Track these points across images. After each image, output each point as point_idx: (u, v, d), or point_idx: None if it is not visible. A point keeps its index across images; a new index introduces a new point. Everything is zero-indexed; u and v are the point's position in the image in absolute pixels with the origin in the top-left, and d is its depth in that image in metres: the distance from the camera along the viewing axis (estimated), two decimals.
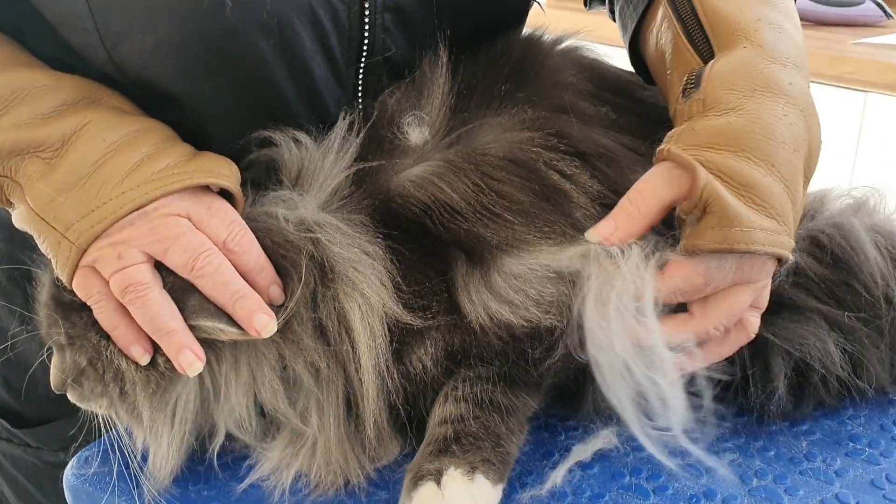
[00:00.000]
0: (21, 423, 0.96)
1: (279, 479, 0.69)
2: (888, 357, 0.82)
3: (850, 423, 0.80)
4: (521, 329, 0.70)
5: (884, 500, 0.70)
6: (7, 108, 0.69)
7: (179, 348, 0.65)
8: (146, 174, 0.67)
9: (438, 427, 0.70)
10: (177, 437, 0.68)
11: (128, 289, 0.65)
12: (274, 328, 0.66)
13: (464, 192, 0.72)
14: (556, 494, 0.70)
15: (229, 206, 0.70)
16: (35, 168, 0.68)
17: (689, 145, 0.69)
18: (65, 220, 0.67)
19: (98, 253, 0.66)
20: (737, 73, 0.73)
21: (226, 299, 0.66)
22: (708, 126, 0.70)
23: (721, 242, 0.65)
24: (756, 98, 0.71)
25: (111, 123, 0.70)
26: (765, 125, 0.69)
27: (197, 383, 0.68)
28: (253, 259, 0.68)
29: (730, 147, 0.68)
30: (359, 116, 0.77)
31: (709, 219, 0.66)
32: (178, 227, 0.66)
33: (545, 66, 0.84)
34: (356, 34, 0.79)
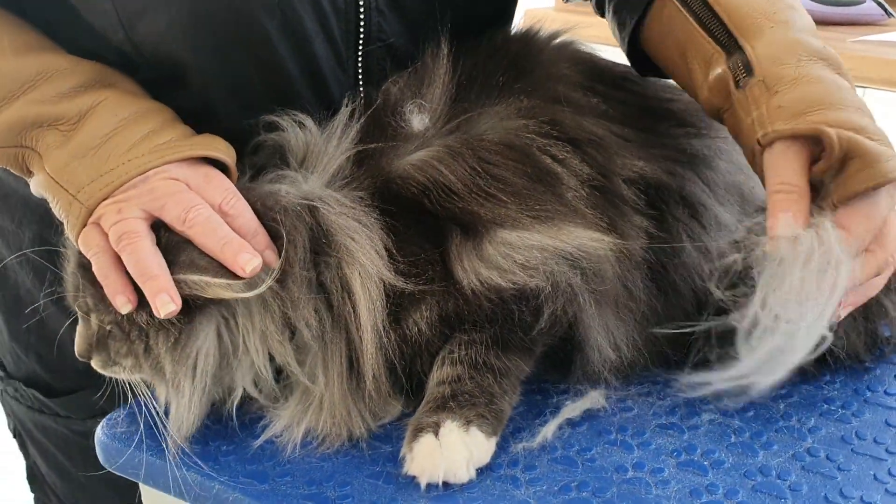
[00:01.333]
0: (51, 393, 1.02)
1: (291, 436, 0.75)
2: (863, 327, 0.87)
3: (826, 388, 0.85)
4: (510, 291, 0.76)
5: (852, 453, 0.75)
6: (32, 87, 0.77)
7: (158, 291, 0.70)
8: (150, 146, 0.75)
9: (437, 387, 0.76)
10: (198, 388, 0.74)
11: (122, 237, 0.71)
12: (258, 265, 0.70)
13: (461, 175, 0.78)
14: (546, 448, 0.76)
15: (224, 177, 0.77)
16: (54, 138, 0.76)
17: (789, 118, 0.74)
18: (76, 182, 0.75)
19: (102, 210, 0.74)
20: (781, 50, 0.79)
21: (214, 245, 0.71)
22: (790, 99, 0.75)
23: (874, 179, 0.71)
24: (806, 65, 0.77)
25: (123, 103, 0.78)
26: (829, 82, 0.76)
27: (215, 338, 0.74)
28: (246, 222, 0.74)
29: (823, 106, 0.74)
30: (360, 104, 0.83)
31: (854, 164, 0.72)
32: (174, 187, 0.74)
33: (541, 60, 0.90)
34: (353, 16, 0.85)
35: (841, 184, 0.72)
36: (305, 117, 0.82)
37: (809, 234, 0.72)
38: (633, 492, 0.71)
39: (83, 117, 0.76)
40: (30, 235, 0.96)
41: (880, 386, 0.85)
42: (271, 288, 0.72)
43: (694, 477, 0.73)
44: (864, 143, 0.71)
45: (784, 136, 0.74)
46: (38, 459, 1.09)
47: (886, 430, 0.79)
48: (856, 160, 0.71)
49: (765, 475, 0.73)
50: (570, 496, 0.71)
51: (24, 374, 1.04)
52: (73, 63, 0.79)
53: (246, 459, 0.75)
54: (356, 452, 0.75)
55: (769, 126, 0.75)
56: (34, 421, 1.05)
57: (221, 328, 0.74)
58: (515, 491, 0.71)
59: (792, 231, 0.72)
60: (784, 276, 0.71)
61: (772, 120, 0.75)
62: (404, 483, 0.71)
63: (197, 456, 0.75)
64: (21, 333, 1.01)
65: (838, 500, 0.70)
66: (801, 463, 0.74)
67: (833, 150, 0.71)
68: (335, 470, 0.73)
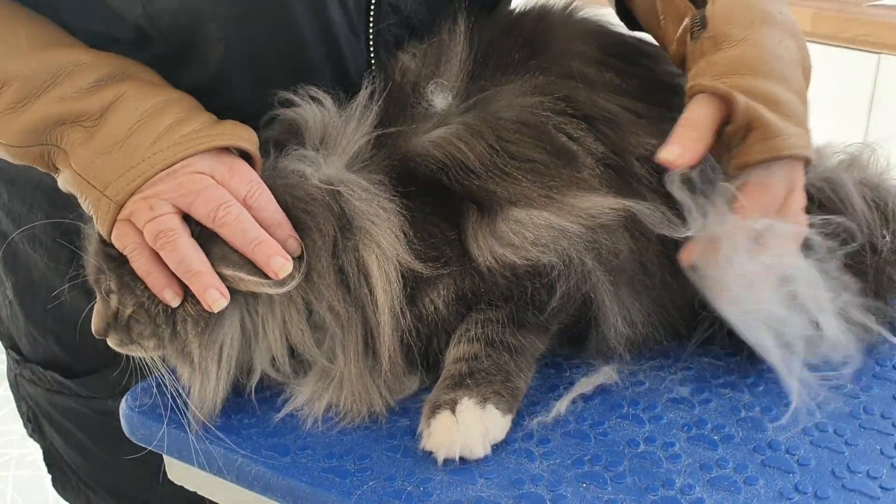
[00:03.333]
0: (72, 374, 1.04)
1: (311, 410, 0.77)
2: (872, 300, 0.88)
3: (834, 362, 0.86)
4: (523, 267, 0.77)
5: (860, 428, 0.77)
6: (53, 84, 0.77)
7: (206, 287, 0.72)
8: (174, 137, 0.75)
9: (454, 364, 0.77)
10: (223, 372, 0.76)
11: (159, 235, 0.73)
12: (289, 269, 0.73)
13: (479, 153, 0.79)
14: (560, 422, 0.78)
15: (248, 167, 0.77)
16: (78, 135, 0.77)
17: (716, 76, 0.78)
18: (104, 179, 0.75)
19: (133, 206, 0.74)
20: (735, 10, 0.81)
21: (245, 245, 0.73)
22: (725, 58, 0.79)
23: (769, 152, 0.75)
24: (755, 28, 0.80)
25: (143, 95, 0.78)
26: (770, 49, 0.79)
27: (240, 325, 0.76)
28: (270, 214, 0.75)
29: (750, 72, 0.77)
30: (380, 84, 0.84)
31: (754, 134, 0.76)
32: (202, 182, 0.74)
33: (556, 36, 0.90)
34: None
35: (741, 151, 0.76)
36: (324, 95, 0.83)
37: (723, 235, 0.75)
38: (644, 466, 0.73)
39: (105, 112, 0.76)
40: (41, 218, 0.97)
41: (889, 361, 0.86)
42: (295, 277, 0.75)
43: (704, 451, 0.74)
44: (766, 116, 0.75)
45: (705, 90, 0.77)
46: (57, 441, 1.10)
47: (894, 405, 0.80)
48: (756, 131, 0.75)
49: (774, 450, 0.74)
50: (583, 470, 0.72)
51: (42, 357, 1.05)
52: (92, 56, 0.79)
53: (267, 433, 0.77)
54: (374, 426, 0.77)
55: (698, 79, 0.78)
56: (52, 403, 1.07)
57: (245, 316, 0.76)
58: (530, 464, 0.73)
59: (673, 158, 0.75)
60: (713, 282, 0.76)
61: (703, 74, 0.79)
62: (422, 457, 0.73)
63: (219, 429, 0.77)
64: (38, 316, 1.03)
65: (845, 475, 0.72)
66: (809, 438, 0.76)
67: (737, 116, 0.75)
68: (354, 443, 0.75)
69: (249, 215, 0.74)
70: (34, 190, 0.97)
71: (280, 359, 0.78)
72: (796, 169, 0.79)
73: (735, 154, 0.77)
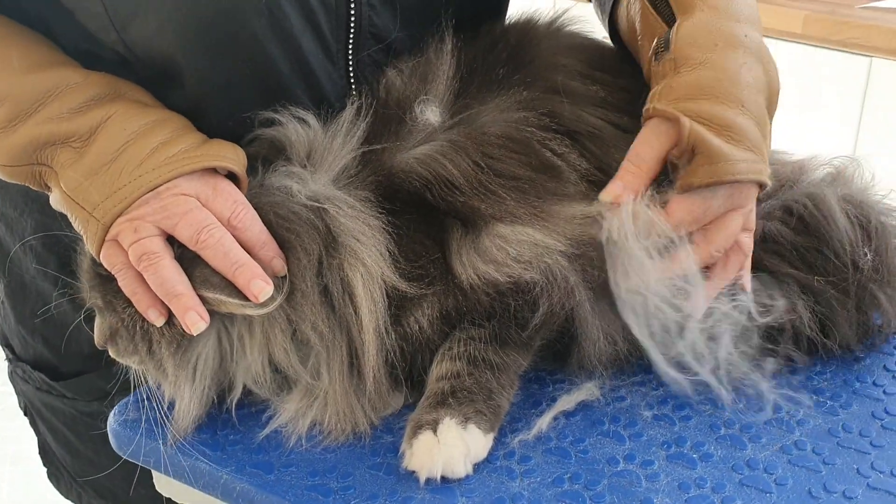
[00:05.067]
0: (58, 376, 1.05)
1: (296, 427, 0.78)
2: (854, 317, 0.89)
3: (816, 378, 0.87)
4: (505, 284, 0.78)
5: (838, 446, 0.78)
6: (43, 104, 0.78)
7: (185, 310, 0.74)
8: (160, 159, 0.76)
9: (437, 383, 0.78)
10: (197, 391, 0.77)
11: (142, 257, 0.74)
12: (270, 292, 0.74)
13: (464, 170, 0.80)
14: (541, 439, 0.79)
15: (234, 187, 0.78)
16: (67, 156, 0.78)
17: (671, 100, 0.79)
18: (91, 200, 0.76)
19: (119, 228, 0.75)
20: (699, 32, 0.82)
21: (227, 268, 0.74)
22: (682, 81, 0.80)
23: (711, 177, 0.76)
24: (718, 51, 0.81)
25: (131, 115, 0.79)
26: (730, 73, 0.80)
27: (215, 343, 0.77)
28: (255, 235, 0.76)
29: (705, 96, 0.79)
30: (366, 101, 0.84)
31: (698, 159, 0.77)
32: (186, 204, 0.75)
33: (540, 50, 0.91)
34: (343, 11, 0.86)
35: (686, 173, 0.78)
36: (307, 114, 0.83)
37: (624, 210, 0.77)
38: (623, 485, 0.74)
39: (94, 133, 0.77)
40: (32, 224, 0.98)
41: (869, 377, 0.87)
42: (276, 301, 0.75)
43: (683, 470, 0.75)
44: (711, 140, 0.76)
45: (658, 114, 0.79)
46: (48, 437, 1.12)
47: (872, 423, 0.81)
48: (700, 156, 0.77)
49: (752, 469, 0.75)
50: (563, 489, 0.73)
51: (32, 357, 1.06)
52: (83, 77, 0.80)
53: (252, 449, 0.78)
54: (358, 443, 0.78)
55: (653, 102, 0.80)
56: (42, 401, 1.08)
57: (222, 334, 0.77)
58: (510, 483, 0.74)
59: (610, 198, 0.78)
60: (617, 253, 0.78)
61: (659, 97, 0.80)
62: (404, 475, 0.74)
63: (205, 444, 0.78)
64: (27, 318, 1.04)
65: (821, 495, 0.73)
66: (787, 456, 0.77)
67: (682, 139, 0.77)
68: (338, 461, 0.76)
69: (232, 238, 0.75)
70: (24, 196, 0.99)
71: (262, 376, 0.79)
72: (742, 192, 0.79)
73: (681, 175, 0.78)
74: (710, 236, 0.79)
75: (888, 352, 0.91)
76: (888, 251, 0.90)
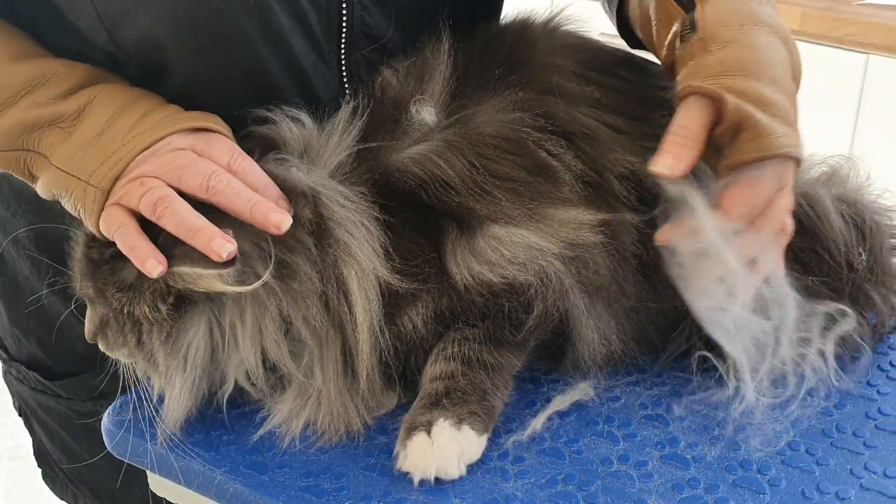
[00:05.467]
0: (52, 376, 1.05)
1: (290, 427, 0.78)
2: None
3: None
4: (500, 286, 0.78)
5: (831, 447, 0.78)
6: (29, 91, 0.79)
7: (210, 238, 0.71)
8: (150, 122, 0.78)
9: (431, 383, 0.78)
10: (188, 381, 0.76)
11: (157, 203, 0.73)
12: (290, 222, 0.73)
13: (459, 170, 0.80)
14: (535, 439, 0.79)
15: (225, 138, 0.79)
16: (56, 136, 0.79)
17: (707, 77, 0.77)
18: (87, 168, 0.77)
19: (121, 191, 0.75)
20: (725, 12, 0.81)
21: (242, 208, 0.73)
22: (715, 59, 0.79)
23: (760, 151, 0.75)
24: (746, 30, 0.80)
25: (116, 92, 0.80)
26: (760, 51, 0.79)
27: (206, 333, 0.76)
28: (256, 178, 0.76)
29: (741, 72, 0.77)
30: (362, 101, 0.84)
31: (744, 135, 0.75)
32: (185, 157, 0.76)
33: (536, 50, 0.90)
34: (335, 11, 0.86)
35: (732, 151, 0.76)
36: (301, 112, 0.83)
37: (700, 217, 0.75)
38: (616, 485, 0.74)
39: (81, 112, 0.79)
40: (24, 224, 0.98)
41: (864, 377, 0.87)
42: (267, 283, 0.74)
43: (676, 471, 0.75)
44: (756, 115, 0.75)
45: (695, 91, 0.77)
46: (43, 437, 1.12)
47: (866, 423, 0.81)
48: (747, 131, 0.75)
49: (745, 469, 0.76)
50: (557, 489, 0.73)
51: (26, 357, 1.06)
52: (67, 66, 0.81)
53: (246, 450, 0.78)
54: (352, 444, 0.78)
55: (688, 80, 0.78)
56: (37, 401, 1.08)
57: (213, 324, 0.76)
58: (504, 484, 0.74)
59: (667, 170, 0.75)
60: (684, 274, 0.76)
61: (693, 75, 0.78)
62: (398, 476, 0.74)
63: (198, 445, 0.78)
64: (21, 318, 1.04)
65: (815, 496, 0.73)
66: (781, 457, 0.77)
67: (727, 115, 0.75)
68: (332, 462, 0.76)
69: (238, 181, 0.75)
70: (17, 197, 0.99)
71: (254, 371, 0.78)
72: (787, 168, 0.78)
73: (726, 154, 0.77)
74: (759, 223, 0.77)
75: (882, 351, 0.92)
76: (882, 251, 0.91)
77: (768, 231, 0.78)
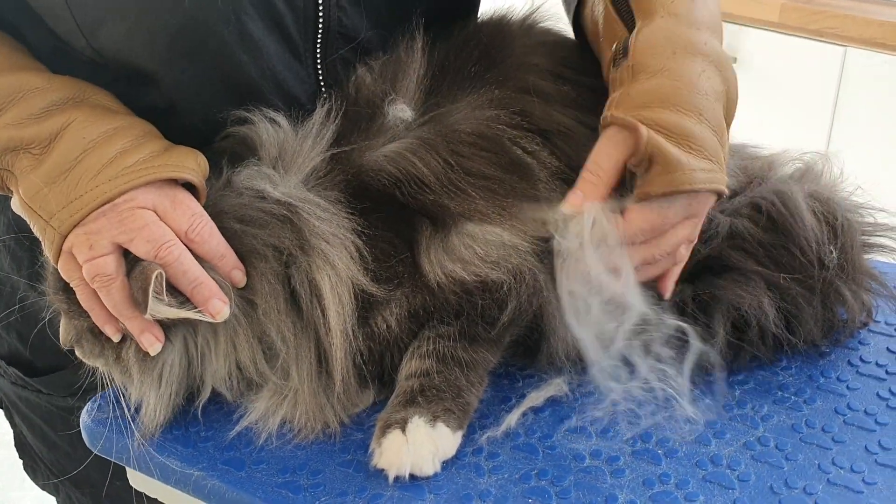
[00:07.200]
0: (33, 372, 1.06)
1: (266, 425, 0.79)
2: (820, 314, 0.90)
3: (781, 374, 0.89)
4: (473, 283, 0.79)
5: (800, 442, 0.80)
6: (4, 110, 0.78)
7: (140, 331, 0.75)
8: (117, 169, 0.76)
9: (406, 381, 0.79)
10: (163, 397, 0.78)
11: (95, 278, 0.75)
12: (227, 312, 0.75)
13: (434, 167, 0.81)
14: (509, 435, 0.80)
15: (192, 199, 0.78)
16: (27, 162, 0.77)
17: (629, 108, 0.78)
18: (49, 209, 0.76)
19: (75, 240, 0.75)
20: (658, 40, 0.82)
21: (185, 285, 0.75)
22: (640, 89, 0.79)
23: (668, 186, 0.76)
24: (677, 59, 0.81)
25: (92, 122, 0.78)
26: (688, 81, 0.80)
27: (182, 349, 0.78)
28: (213, 248, 0.76)
29: (662, 104, 0.78)
30: (336, 102, 0.85)
31: (655, 168, 0.77)
32: (142, 219, 0.75)
33: (512, 48, 0.91)
34: (311, 13, 0.86)
35: (644, 182, 0.77)
36: (278, 115, 0.83)
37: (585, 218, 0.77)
38: (588, 480, 0.75)
39: (53, 140, 0.77)
40: (4, 221, 0.98)
41: (833, 372, 0.89)
42: (239, 307, 0.77)
43: (648, 466, 0.77)
44: (668, 150, 0.76)
45: (616, 122, 0.78)
46: (24, 429, 1.12)
47: (834, 419, 0.83)
48: (658, 164, 0.76)
49: (715, 465, 0.77)
50: (530, 485, 0.75)
51: (7, 353, 1.06)
52: (46, 80, 0.80)
53: (223, 447, 0.79)
54: (328, 441, 0.79)
55: (612, 109, 0.79)
56: (18, 395, 1.09)
57: (188, 341, 0.78)
58: (478, 479, 0.75)
59: (570, 207, 0.78)
60: (567, 257, 0.78)
61: (617, 104, 0.79)
62: (374, 472, 0.75)
63: (176, 441, 0.79)
64: (1, 315, 1.04)
65: (783, 491, 0.74)
66: (751, 452, 0.78)
67: (640, 148, 0.76)
68: (308, 458, 0.77)
69: (189, 255, 0.75)
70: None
71: (230, 379, 0.80)
72: (699, 201, 0.79)
73: (638, 184, 0.78)
74: (658, 241, 0.80)
75: (853, 346, 0.93)
76: (853, 248, 0.92)
77: (662, 248, 0.80)
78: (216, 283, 0.76)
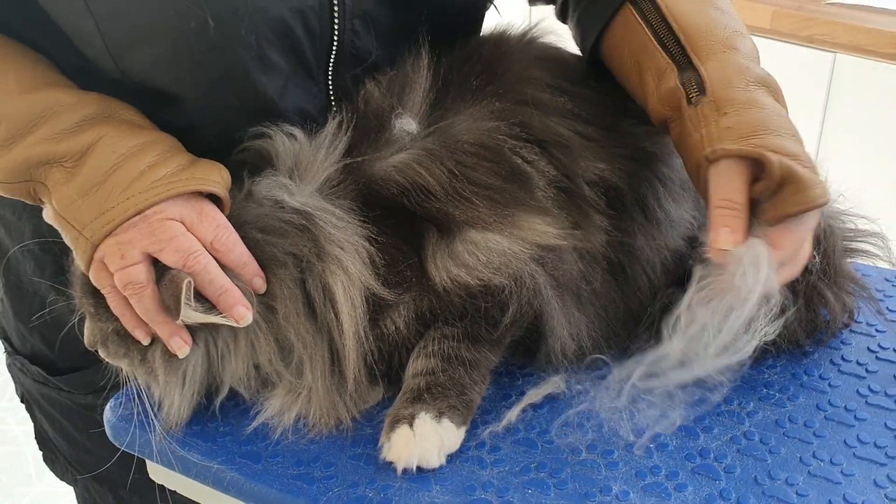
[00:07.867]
0: (55, 371, 1.10)
1: (281, 420, 0.84)
2: (804, 315, 0.95)
3: (766, 372, 0.93)
4: (476, 287, 0.84)
5: (783, 437, 0.84)
6: (37, 125, 0.82)
7: (170, 335, 0.81)
8: (147, 182, 0.80)
9: (413, 379, 0.84)
10: (187, 396, 0.84)
11: (127, 286, 0.79)
12: (250, 318, 0.80)
13: (439, 177, 0.85)
14: (510, 430, 0.85)
15: (217, 211, 0.82)
16: (59, 175, 0.82)
17: (737, 139, 0.81)
18: (81, 219, 0.80)
19: (106, 249, 0.80)
20: (731, 74, 0.85)
21: (211, 294, 0.80)
22: (739, 121, 0.82)
23: (804, 204, 0.78)
24: (752, 91, 0.84)
25: (121, 136, 0.82)
26: (772, 109, 0.83)
27: (204, 352, 0.83)
28: (236, 257, 0.81)
29: (767, 132, 0.81)
30: (347, 115, 0.89)
31: (788, 188, 0.79)
32: (171, 230, 0.80)
33: (512, 63, 0.95)
34: (327, 38, 0.90)
35: (775, 204, 0.79)
36: (294, 128, 0.88)
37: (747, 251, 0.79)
38: (584, 472, 0.80)
39: (85, 154, 0.81)
40: (29, 227, 1.02)
41: (816, 370, 0.94)
42: (259, 312, 0.82)
43: (640, 459, 0.82)
44: (798, 170, 0.79)
45: (731, 154, 0.81)
46: (45, 424, 1.17)
47: (816, 414, 0.87)
48: (790, 185, 0.78)
49: (703, 457, 0.82)
50: (529, 477, 0.80)
51: (30, 352, 1.11)
52: (76, 97, 0.84)
53: (241, 441, 0.84)
54: (340, 435, 0.84)
55: (717, 144, 0.81)
56: (40, 392, 1.13)
57: (210, 344, 0.83)
58: (481, 472, 0.80)
59: (730, 245, 0.79)
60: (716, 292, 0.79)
61: (721, 139, 0.81)
62: (383, 465, 0.80)
63: (196, 436, 0.84)
64: (25, 315, 1.08)
65: (766, 482, 0.79)
66: (737, 446, 0.83)
67: (773, 174, 0.78)
68: (321, 451, 0.82)
69: (216, 264, 0.80)
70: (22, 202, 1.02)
71: (247, 378, 0.85)
72: (818, 215, 0.83)
73: (768, 207, 0.80)
74: (797, 258, 0.82)
75: (835, 346, 0.98)
76: (836, 253, 0.97)
77: (798, 269, 0.83)
78: (239, 289, 0.80)
